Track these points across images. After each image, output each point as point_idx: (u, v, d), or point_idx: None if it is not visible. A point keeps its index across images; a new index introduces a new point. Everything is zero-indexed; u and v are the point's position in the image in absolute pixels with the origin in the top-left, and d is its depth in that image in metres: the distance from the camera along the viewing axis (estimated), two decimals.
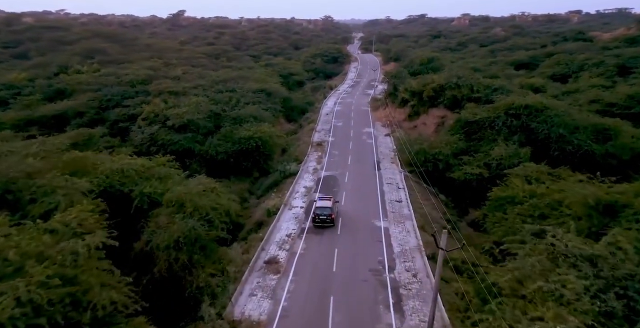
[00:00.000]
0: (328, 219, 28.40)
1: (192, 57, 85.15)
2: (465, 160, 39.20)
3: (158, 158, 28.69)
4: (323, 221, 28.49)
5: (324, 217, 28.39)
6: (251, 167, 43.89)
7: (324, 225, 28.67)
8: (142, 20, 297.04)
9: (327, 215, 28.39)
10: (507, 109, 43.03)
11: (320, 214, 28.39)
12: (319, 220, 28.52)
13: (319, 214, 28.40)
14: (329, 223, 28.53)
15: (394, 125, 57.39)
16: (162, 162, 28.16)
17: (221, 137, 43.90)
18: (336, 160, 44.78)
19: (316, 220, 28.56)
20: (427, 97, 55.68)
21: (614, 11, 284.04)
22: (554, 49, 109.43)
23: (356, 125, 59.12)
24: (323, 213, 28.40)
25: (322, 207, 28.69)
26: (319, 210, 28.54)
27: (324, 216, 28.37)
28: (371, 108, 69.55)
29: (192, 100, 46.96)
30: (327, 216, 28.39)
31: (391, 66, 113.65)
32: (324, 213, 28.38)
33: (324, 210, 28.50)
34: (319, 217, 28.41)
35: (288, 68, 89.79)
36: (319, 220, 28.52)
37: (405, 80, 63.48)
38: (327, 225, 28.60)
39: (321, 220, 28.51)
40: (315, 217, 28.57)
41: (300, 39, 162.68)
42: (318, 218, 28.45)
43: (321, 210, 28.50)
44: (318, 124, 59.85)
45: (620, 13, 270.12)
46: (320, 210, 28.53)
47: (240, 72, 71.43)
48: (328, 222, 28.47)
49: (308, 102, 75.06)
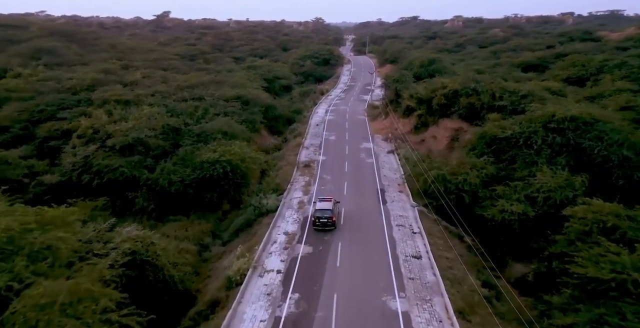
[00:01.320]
0: (329, 222, 27.13)
1: (163, 58, 74.79)
2: (500, 192, 29.56)
3: (57, 210, 18.60)
4: (324, 225, 27.15)
5: (324, 220, 27.08)
6: (219, 200, 33.75)
7: (324, 229, 27.15)
8: (124, 21, 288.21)
9: (328, 218, 27.11)
10: (546, 122, 33.59)
11: (321, 217, 27.10)
12: (320, 224, 27.18)
13: (319, 217, 27.12)
14: (330, 227, 27.18)
15: (397, 139, 47.73)
16: (59, 216, 18.01)
17: (178, 160, 33.75)
18: (328, 188, 34.84)
19: (316, 223, 27.26)
20: (438, 106, 46.13)
21: (607, 13, 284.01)
22: (562, 49, 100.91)
23: (352, 139, 49.26)
24: (323, 216, 27.07)
25: (322, 210, 27.30)
26: (319, 212, 27.26)
27: (325, 219, 27.08)
28: (369, 117, 59.76)
29: (144, 112, 36.74)
30: (327, 219, 27.10)
31: (387, 68, 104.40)
32: (325, 216, 27.06)
33: (324, 212, 27.15)
34: (319, 220, 27.14)
35: (273, 71, 79.67)
36: (320, 224, 27.18)
37: (409, 85, 53.86)
38: (328, 228, 27.15)
39: (322, 224, 27.15)
40: (315, 220, 27.29)
41: (289, 40, 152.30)
42: (318, 221, 27.16)
43: (321, 213, 27.16)
44: (306, 138, 49.93)
45: (612, 15, 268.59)
46: (320, 212, 27.20)
47: (215, 76, 61.30)
48: (329, 225, 27.16)
49: (296, 109, 65.08)
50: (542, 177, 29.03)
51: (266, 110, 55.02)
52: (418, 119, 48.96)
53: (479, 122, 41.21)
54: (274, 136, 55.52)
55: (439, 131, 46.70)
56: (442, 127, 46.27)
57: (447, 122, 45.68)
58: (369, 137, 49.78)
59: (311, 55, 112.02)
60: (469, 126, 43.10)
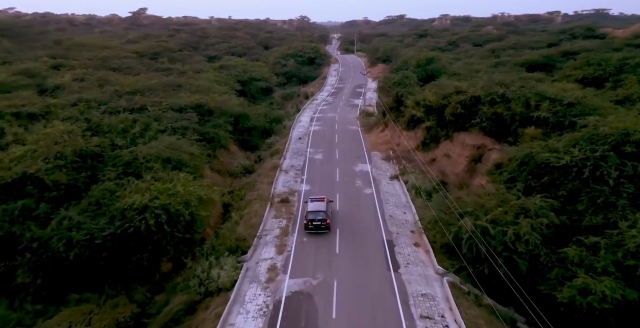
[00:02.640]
0: (323, 225, 25.08)
1: (116, 56, 63.03)
2: (573, 257, 19.50)
3: None
4: (317, 227, 25.10)
5: (318, 223, 25.05)
6: (152, 263, 22.85)
7: (318, 232, 24.93)
8: (98, 19, 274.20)
9: (322, 220, 25.03)
10: (618, 143, 23.83)
11: (314, 220, 25.07)
12: (313, 227, 25.17)
13: (312, 220, 25.11)
14: (323, 230, 25.10)
15: (401, 158, 37.42)
16: None
17: (90, 206, 22.75)
18: (312, 243, 24.28)
19: (309, 226, 25.22)
20: (452, 116, 36.06)
21: (592, 12, 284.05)
22: (569, 47, 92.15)
23: (344, 158, 38.80)
24: (317, 218, 25.07)
25: (315, 211, 25.28)
26: (311, 214, 25.24)
27: (318, 221, 25.03)
28: (363, 128, 49.30)
29: (46, 131, 25.53)
30: (321, 221, 25.02)
31: (379, 68, 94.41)
32: (318, 218, 25.03)
33: (318, 214, 25.14)
34: (312, 223, 25.11)
35: (250, 71, 68.61)
36: (313, 227, 25.17)
37: (413, 89, 43.67)
38: (321, 231, 24.97)
39: (315, 227, 25.12)
40: (307, 223, 25.20)
41: (271, 37, 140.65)
42: (311, 224, 25.14)
43: (314, 215, 25.16)
44: (285, 157, 39.27)
45: (598, 14, 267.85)
46: (313, 214, 25.20)
47: (175, 78, 50.14)
48: (323, 228, 25.09)
49: (275, 118, 54.29)
50: (635, 233, 19.13)
51: (236, 121, 44.21)
52: (426, 132, 38.81)
53: (510, 139, 31.50)
54: (247, 152, 44.68)
55: (453, 148, 36.65)
56: (458, 143, 36.23)
57: (464, 136, 35.65)
58: (365, 156, 39.37)
59: (295, 53, 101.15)
60: (495, 143, 33.18)
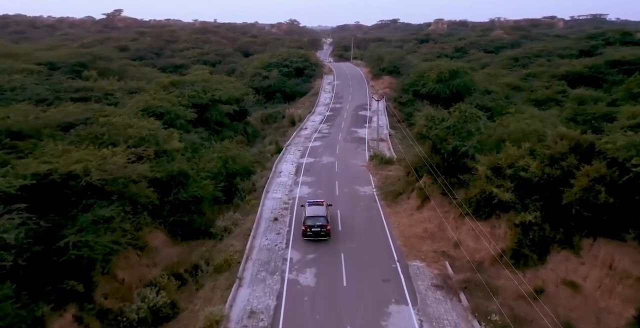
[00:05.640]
0: (322, 232, 23.12)
1: (22, 70, 43.21)
2: None
3: None
4: (317, 234, 23.12)
5: (317, 229, 23.03)
6: None
7: (317, 239, 22.99)
8: (70, 21, 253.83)
9: (322, 226, 23.02)
10: None
11: (313, 225, 23.07)
12: (312, 233, 23.12)
13: (311, 226, 23.11)
14: (323, 237, 23.12)
15: (471, 283, 18.43)
16: None
17: None
18: None
19: (307, 233, 23.21)
20: (580, 203, 17.28)
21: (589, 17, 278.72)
22: (614, 55, 74.56)
23: (360, 283, 19.66)
24: (316, 223, 23.07)
25: (314, 217, 23.23)
26: (310, 220, 23.23)
27: (317, 228, 23.00)
28: (380, 192, 29.68)
29: None
30: (321, 227, 23.00)
31: (385, 81, 75.78)
32: (317, 224, 23.02)
33: (317, 220, 23.15)
34: (311, 229, 23.10)
35: (214, 90, 48.53)
36: (312, 233, 23.12)
37: (486, 139, 24.04)
38: (321, 238, 23.02)
39: (314, 233, 23.12)
40: (306, 229, 23.20)
41: (253, 42, 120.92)
42: (310, 230, 23.13)
43: (313, 220, 23.18)
44: (245, 279, 19.96)
45: (595, 19, 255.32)
46: (311, 220, 23.20)
47: (80, 108, 30.32)
48: (323, 235, 23.12)
49: (241, 168, 34.39)
50: None
51: (165, 188, 24.85)
52: (520, 231, 19.73)
53: None
54: (183, 245, 25.19)
55: (583, 270, 17.85)
56: (600, 263, 17.46)
57: (611, 249, 16.96)
58: (399, 276, 20.06)
59: (279, 62, 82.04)
60: None
